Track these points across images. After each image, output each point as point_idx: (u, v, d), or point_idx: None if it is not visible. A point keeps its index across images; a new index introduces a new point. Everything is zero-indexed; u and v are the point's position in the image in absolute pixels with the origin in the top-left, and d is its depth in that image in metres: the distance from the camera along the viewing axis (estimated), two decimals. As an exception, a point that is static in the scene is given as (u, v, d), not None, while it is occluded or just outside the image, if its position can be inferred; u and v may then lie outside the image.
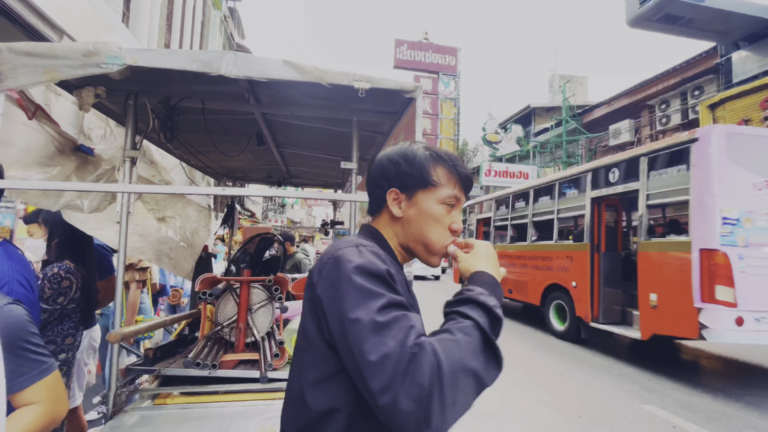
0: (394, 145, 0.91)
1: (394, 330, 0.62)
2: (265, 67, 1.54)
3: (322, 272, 0.73)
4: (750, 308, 3.92)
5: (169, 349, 2.17)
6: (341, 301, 0.67)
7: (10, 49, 1.33)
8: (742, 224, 4.09)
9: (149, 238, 2.92)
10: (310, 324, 0.75)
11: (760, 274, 3.99)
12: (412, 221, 0.85)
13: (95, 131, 2.19)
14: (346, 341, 0.64)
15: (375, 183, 0.88)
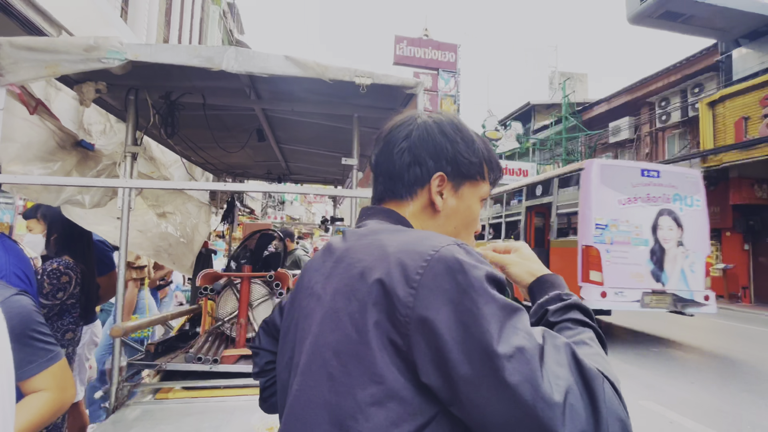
0: (434, 112, 0.72)
1: (561, 353, 0.47)
2: (266, 62, 1.53)
3: (421, 283, 0.49)
4: (611, 286, 5.80)
5: (171, 344, 2.18)
6: (483, 325, 0.46)
7: (11, 43, 1.32)
8: (609, 229, 6.02)
9: (149, 234, 2.92)
10: (383, 364, 0.49)
11: (619, 263, 5.90)
12: (451, 218, 0.68)
13: (95, 126, 2.19)
14: (499, 381, 0.44)
15: (416, 158, 0.66)
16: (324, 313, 0.56)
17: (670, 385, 4.51)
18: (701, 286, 6.18)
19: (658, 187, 6.29)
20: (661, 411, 3.79)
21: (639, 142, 16.39)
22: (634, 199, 6.17)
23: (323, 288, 0.59)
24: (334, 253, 0.62)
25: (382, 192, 0.70)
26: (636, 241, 6.10)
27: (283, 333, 0.69)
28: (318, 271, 0.63)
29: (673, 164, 12.42)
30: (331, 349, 0.52)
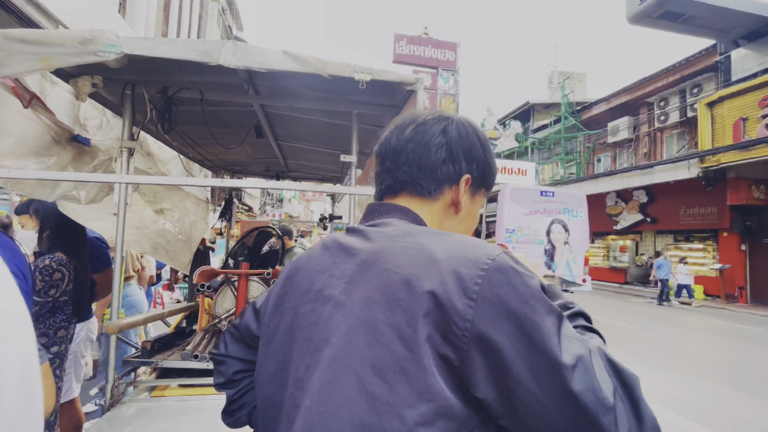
0: (459, 115, 0.69)
1: (598, 357, 0.46)
2: (264, 57, 1.52)
3: (481, 295, 0.46)
4: None
5: (167, 342, 2.17)
6: (547, 336, 0.45)
7: (5, 35, 1.30)
8: (516, 232, 8.66)
9: (146, 231, 2.91)
10: (434, 381, 0.45)
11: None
12: (464, 221, 0.68)
13: (91, 121, 2.17)
14: (566, 390, 0.43)
15: (453, 155, 0.64)
16: (353, 324, 0.50)
17: (667, 384, 4.52)
18: (581, 273, 8.86)
19: (552, 203, 9.01)
20: (657, 410, 3.80)
21: (637, 142, 16.42)
22: (534, 212, 8.87)
23: (346, 294, 0.52)
24: (353, 254, 0.56)
25: (404, 183, 0.65)
26: (534, 241, 8.81)
27: (265, 340, 0.61)
28: (326, 273, 0.57)
29: (672, 164, 12.46)
30: (369, 365, 0.47)
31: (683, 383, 4.58)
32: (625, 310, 10.39)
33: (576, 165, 18.89)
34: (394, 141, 0.67)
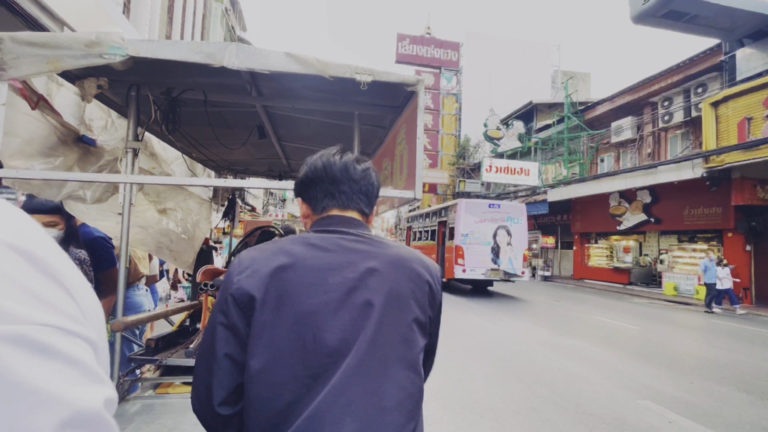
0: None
1: None
2: (267, 59, 1.53)
3: (438, 280, 0.91)
4: (469, 267, 11.74)
5: (171, 340, 2.19)
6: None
7: (13, 38, 1.33)
8: (469, 236, 11.98)
9: (150, 230, 2.93)
10: (422, 318, 0.86)
11: (473, 254, 11.79)
12: None
13: (96, 122, 2.19)
14: (437, 330, 0.93)
15: (377, 192, 1.00)
16: (387, 302, 0.81)
17: (669, 385, 4.51)
18: (520, 267, 12.17)
19: (498, 213, 12.29)
20: (659, 411, 3.79)
21: (641, 141, 16.34)
22: (483, 220, 12.07)
23: (376, 283, 0.82)
24: (374, 254, 0.86)
25: (356, 204, 0.94)
26: (484, 242, 11.95)
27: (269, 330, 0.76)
28: (346, 268, 0.82)
29: (676, 164, 12.39)
30: (407, 324, 0.83)
31: (686, 384, 4.56)
32: (628, 311, 10.35)
33: (579, 165, 18.81)
34: (352, 172, 0.94)
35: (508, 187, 21.86)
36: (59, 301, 0.29)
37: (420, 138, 1.70)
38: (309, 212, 0.97)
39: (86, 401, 0.27)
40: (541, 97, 26.05)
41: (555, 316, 9.20)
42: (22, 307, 0.26)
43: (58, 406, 0.26)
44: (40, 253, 0.30)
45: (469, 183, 23.63)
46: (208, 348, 0.79)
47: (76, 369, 0.28)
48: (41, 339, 0.26)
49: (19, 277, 0.27)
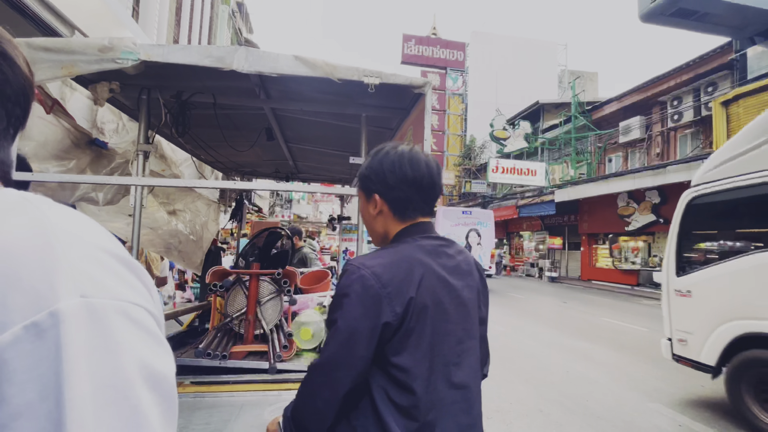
0: None
1: None
2: (276, 62, 1.55)
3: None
4: None
5: (180, 340, 2.22)
6: None
7: (28, 44, 1.36)
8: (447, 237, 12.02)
9: (159, 231, 2.98)
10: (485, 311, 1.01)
11: None
12: None
13: (108, 125, 2.23)
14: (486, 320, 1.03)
15: None
16: (476, 302, 0.97)
17: (679, 388, 4.45)
18: (488, 263, 14.24)
19: (470, 218, 14.28)
20: (670, 414, 3.75)
21: (650, 141, 16.16)
22: (458, 224, 13.95)
23: (468, 286, 0.95)
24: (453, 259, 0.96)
25: (429, 212, 0.99)
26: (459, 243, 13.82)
27: (418, 330, 0.87)
28: (457, 272, 0.94)
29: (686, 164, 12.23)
30: (479, 317, 0.99)
31: (697, 387, 4.50)
32: (637, 313, 10.24)
33: (587, 165, 18.66)
34: (437, 179, 0.98)
35: (514, 187, 21.75)
36: (139, 286, 0.38)
37: (427, 139, 1.71)
38: (388, 213, 0.97)
39: (161, 365, 0.35)
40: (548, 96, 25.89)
41: (562, 317, 9.13)
42: (122, 288, 0.35)
43: (143, 364, 0.33)
44: (119, 251, 0.39)
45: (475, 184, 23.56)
46: (349, 352, 0.84)
47: (154, 340, 0.36)
48: (134, 313, 0.35)
49: (115, 267, 0.36)
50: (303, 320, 2.14)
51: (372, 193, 0.97)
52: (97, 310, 0.32)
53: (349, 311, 0.82)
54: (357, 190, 1.04)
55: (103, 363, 0.31)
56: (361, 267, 0.84)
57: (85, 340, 0.31)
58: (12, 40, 0.42)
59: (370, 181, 0.97)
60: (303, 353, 2.08)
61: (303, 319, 2.15)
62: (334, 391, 0.83)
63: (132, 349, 0.33)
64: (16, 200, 0.36)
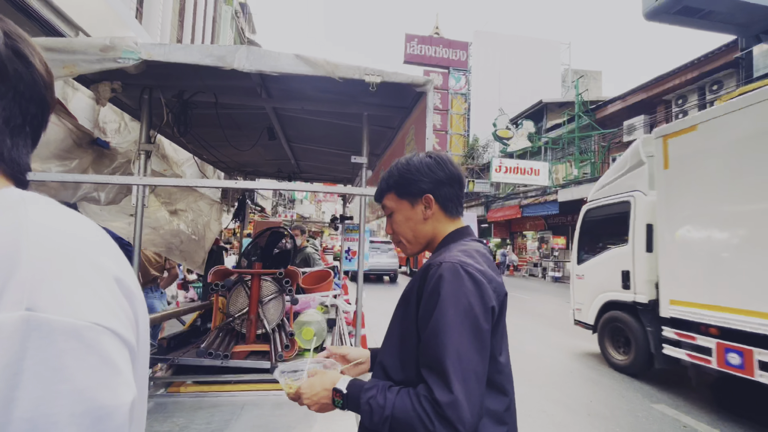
0: None
1: None
2: (277, 61, 1.55)
3: None
4: None
5: (183, 339, 2.22)
6: None
7: (30, 44, 1.36)
8: None
9: (161, 231, 2.98)
10: None
11: None
12: None
13: (110, 125, 2.24)
14: None
15: None
16: None
17: (683, 389, 4.42)
18: None
19: None
20: (674, 415, 3.72)
21: (654, 140, 16.05)
22: None
23: None
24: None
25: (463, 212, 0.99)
26: None
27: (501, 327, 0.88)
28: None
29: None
30: None
31: (701, 387, 4.47)
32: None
33: (590, 165, 18.57)
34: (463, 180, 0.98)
35: (517, 187, 21.68)
36: (115, 304, 0.34)
37: (429, 138, 1.70)
38: (439, 212, 0.94)
39: (108, 399, 0.30)
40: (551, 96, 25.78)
41: (565, 317, 9.09)
42: (87, 306, 0.31)
43: (81, 398, 0.29)
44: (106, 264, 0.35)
45: (478, 183, 23.50)
46: (478, 354, 0.76)
47: (109, 368, 0.31)
48: (89, 336, 0.30)
49: (90, 280, 0.33)
50: (305, 320, 2.13)
51: (422, 194, 0.93)
52: (41, 327, 0.28)
53: (470, 309, 0.76)
54: (391, 201, 0.97)
55: (29, 390, 0.27)
56: (464, 264, 0.79)
57: (14, 360, 0.27)
58: (28, 39, 0.42)
59: (418, 181, 0.93)
60: (305, 353, 2.08)
61: (305, 319, 2.14)
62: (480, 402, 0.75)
63: (71, 378, 0.29)
64: (15, 200, 0.35)
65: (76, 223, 0.37)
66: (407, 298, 0.87)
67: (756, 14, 11.05)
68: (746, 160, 3.40)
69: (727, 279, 3.54)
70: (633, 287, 4.63)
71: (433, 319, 0.76)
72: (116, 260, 0.37)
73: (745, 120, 3.41)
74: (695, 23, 11.93)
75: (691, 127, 3.93)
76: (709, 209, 3.74)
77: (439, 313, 0.75)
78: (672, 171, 4.14)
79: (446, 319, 0.74)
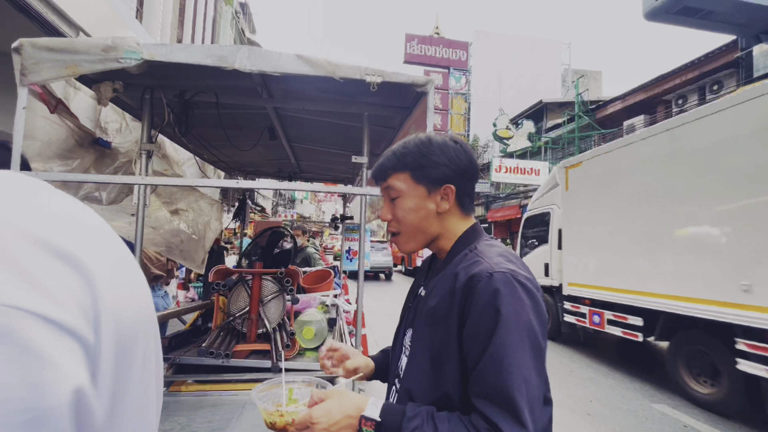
0: None
1: None
2: (278, 61, 1.55)
3: None
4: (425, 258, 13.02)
5: (184, 339, 2.22)
6: None
7: (32, 44, 1.37)
8: None
9: (161, 230, 2.99)
10: None
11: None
12: None
13: (111, 125, 2.24)
14: None
15: None
16: None
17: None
18: None
19: None
20: (674, 414, 3.72)
21: (654, 140, 16.05)
22: None
23: None
24: None
25: None
26: None
27: None
28: None
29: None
30: None
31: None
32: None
33: (590, 164, 18.56)
34: None
35: (517, 187, 21.68)
36: (55, 286, 0.26)
37: (430, 138, 1.70)
38: (455, 208, 0.82)
39: (29, 401, 0.23)
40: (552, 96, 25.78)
41: (566, 317, 9.09)
42: (9, 287, 0.24)
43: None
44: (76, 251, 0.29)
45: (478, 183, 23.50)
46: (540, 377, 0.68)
47: (33, 361, 0.24)
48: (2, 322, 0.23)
49: (25, 260, 0.26)
50: (305, 319, 2.14)
51: (443, 183, 0.79)
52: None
53: (531, 326, 0.67)
54: (401, 183, 0.80)
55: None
56: (515, 274, 0.69)
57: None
58: None
59: (442, 165, 0.78)
60: (305, 352, 2.09)
61: (305, 318, 2.15)
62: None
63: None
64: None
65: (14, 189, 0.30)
66: (438, 315, 0.73)
67: (756, 14, 11.05)
68: (605, 188, 5.10)
69: (594, 266, 5.26)
70: (550, 275, 6.22)
71: (495, 342, 0.64)
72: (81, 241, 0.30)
73: (604, 161, 5.13)
74: (695, 23, 11.93)
75: (579, 163, 5.65)
76: (586, 219, 5.47)
77: (501, 335, 0.65)
78: (570, 192, 5.87)
79: (510, 341, 0.64)
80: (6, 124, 2.37)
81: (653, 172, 4.26)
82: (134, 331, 0.33)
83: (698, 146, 3.73)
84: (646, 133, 4.54)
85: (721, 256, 3.49)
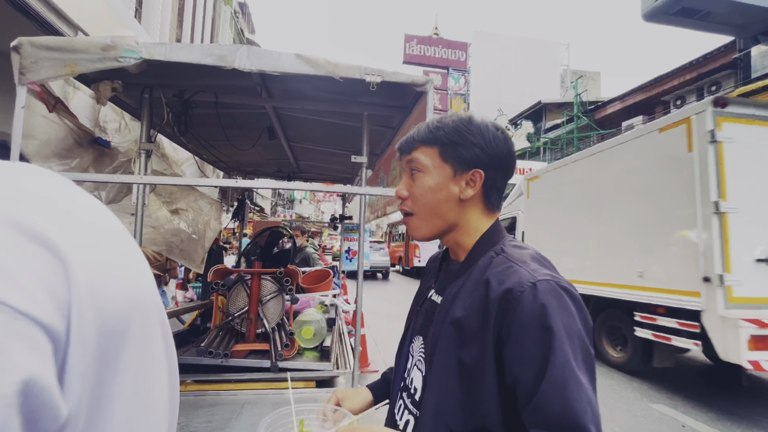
0: None
1: None
2: (277, 60, 1.55)
3: None
4: (421, 258, 15.69)
5: (182, 338, 2.22)
6: None
7: (31, 43, 1.36)
8: None
9: (161, 230, 2.98)
10: None
11: (423, 250, 15.55)
12: None
13: (110, 124, 2.24)
14: None
15: None
16: None
17: (682, 389, 4.43)
18: None
19: None
20: (673, 415, 3.73)
21: (653, 141, 16.09)
22: None
23: None
24: None
25: None
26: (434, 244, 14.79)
27: None
28: None
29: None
30: None
31: (700, 387, 4.48)
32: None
33: (589, 165, 18.60)
34: None
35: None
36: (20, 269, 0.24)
37: (429, 138, 1.70)
38: (478, 199, 0.73)
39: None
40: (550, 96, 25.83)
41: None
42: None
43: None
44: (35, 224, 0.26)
45: (477, 183, 23.53)
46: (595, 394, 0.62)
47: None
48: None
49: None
50: (304, 319, 2.14)
51: (473, 166, 0.70)
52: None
53: (583, 340, 0.61)
54: (426, 158, 0.72)
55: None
56: (558, 281, 0.63)
57: None
58: None
59: (476, 147, 0.70)
60: (304, 352, 2.09)
61: (304, 318, 2.15)
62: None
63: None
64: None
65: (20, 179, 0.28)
66: (468, 329, 0.65)
67: (754, 15, 11.10)
68: (555, 198, 6.07)
69: None
70: None
71: (553, 365, 0.57)
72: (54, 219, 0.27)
73: (555, 175, 6.10)
74: (694, 24, 11.97)
75: (537, 176, 6.64)
76: (542, 223, 6.43)
77: (557, 356, 0.58)
78: (530, 200, 6.85)
79: (567, 362, 0.58)
80: (5, 123, 2.37)
81: (586, 186, 5.40)
82: (125, 317, 0.30)
83: (612, 168, 4.88)
84: (583, 154, 5.57)
85: (626, 250, 4.60)
